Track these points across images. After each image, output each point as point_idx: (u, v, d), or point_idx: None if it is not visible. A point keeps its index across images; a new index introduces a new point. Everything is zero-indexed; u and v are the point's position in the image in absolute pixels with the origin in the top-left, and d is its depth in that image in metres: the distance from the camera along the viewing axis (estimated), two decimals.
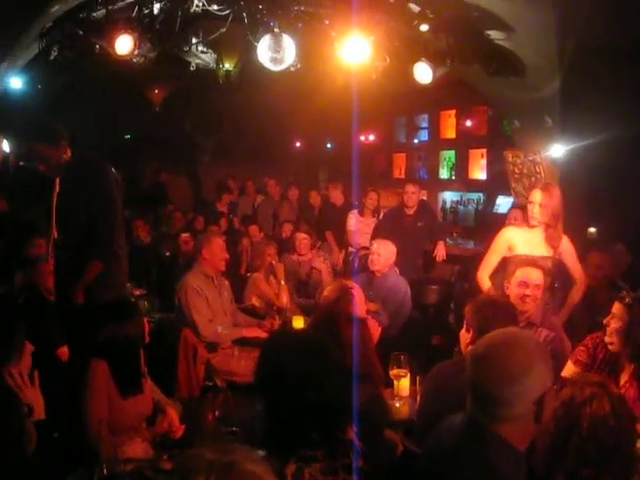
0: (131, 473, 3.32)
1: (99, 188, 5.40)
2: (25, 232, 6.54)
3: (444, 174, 13.57)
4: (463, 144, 12.95)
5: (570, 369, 4.20)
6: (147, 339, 4.30)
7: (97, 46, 6.55)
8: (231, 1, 6.26)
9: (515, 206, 8.71)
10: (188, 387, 5.88)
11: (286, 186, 12.79)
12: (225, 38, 6.85)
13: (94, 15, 6.46)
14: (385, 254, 7.17)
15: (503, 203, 11.21)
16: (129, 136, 16.61)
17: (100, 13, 6.43)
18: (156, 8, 6.40)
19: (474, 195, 12.69)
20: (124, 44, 6.32)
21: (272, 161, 15.10)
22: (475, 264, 6.35)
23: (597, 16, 6.40)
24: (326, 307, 4.58)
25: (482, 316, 3.80)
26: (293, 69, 6.92)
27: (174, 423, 4.18)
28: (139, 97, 13.64)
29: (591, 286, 5.97)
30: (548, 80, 7.38)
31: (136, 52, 6.46)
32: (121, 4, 6.42)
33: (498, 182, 10.66)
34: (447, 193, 13.35)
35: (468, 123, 12.87)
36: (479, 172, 12.63)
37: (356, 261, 9.00)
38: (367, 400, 3.32)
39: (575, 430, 2.60)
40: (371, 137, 15.47)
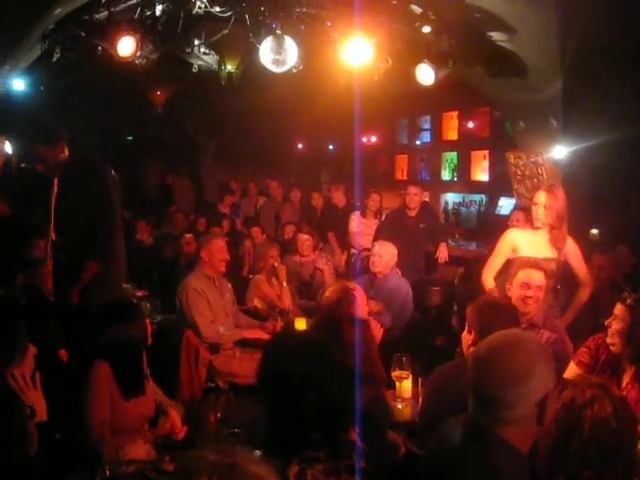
0: (133, 474, 3.33)
1: (97, 188, 5.41)
2: (26, 233, 6.53)
3: (446, 175, 13.57)
4: (465, 145, 12.95)
5: (572, 370, 4.19)
6: (149, 341, 4.30)
7: (99, 48, 6.56)
8: (233, 3, 6.26)
9: (517, 208, 8.70)
10: (190, 389, 5.88)
11: (288, 188, 12.77)
12: (227, 40, 6.86)
13: (96, 17, 6.46)
14: (386, 255, 7.18)
15: (505, 205, 11.20)
16: (131, 138, 16.63)
17: (102, 15, 6.43)
18: (158, 10, 6.41)
19: (476, 196, 12.69)
20: (126, 46, 6.33)
21: (274, 163, 15.10)
22: (478, 266, 6.35)
23: (599, 17, 6.41)
24: (328, 308, 4.58)
25: (484, 318, 3.80)
26: (295, 71, 6.92)
27: (176, 425, 4.17)
28: (141, 99, 13.66)
29: (594, 287, 5.97)
30: (550, 81, 7.37)
31: (138, 54, 6.48)
32: (123, 6, 6.42)
33: (500, 183, 10.66)
34: (449, 194, 13.36)
35: (470, 125, 12.88)
36: (481, 173, 12.63)
37: (358, 262, 8.99)
38: (369, 401, 3.32)
39: (576, 432, 2.59)
40: (373, 138, 15.48)
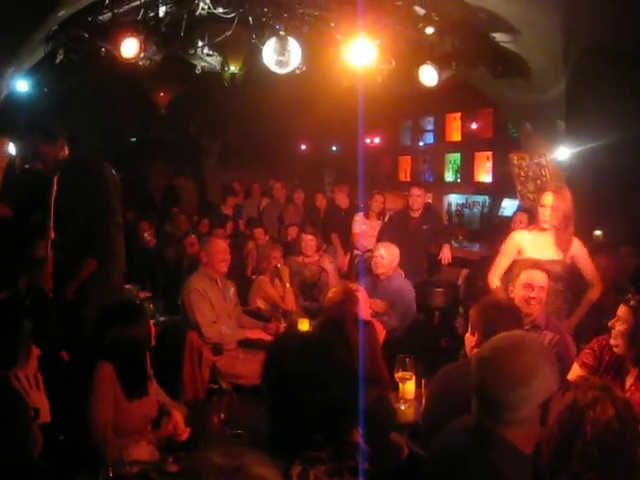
0: (136, 475, 3.33)
1: (96, 187, 5.40)
2: (29, 235, 6.54)
3: (449, 177, 13.57)
4: (468, 147, 12.95)
5: (576, 372, 4.19)
6: (153, 342, 4.30)
7: (103, 49, 6.58)
8: (236, 4, 6.26)
9: (520, 209, 8.71)
10: (193, 390, 5.88)
11: (292, 189, 12.75)
12: (230, 41, 6.86)
13: (100, 18, 6.48)
14: (389, 257, 7.17)
15: (508, 206, 11.20)
16: (134, 139, 16.64)
17: (106, 16, 6.45)
18: (162, 11, 6.42)
19: (479, 198, 12.68)
20: (130, 47, 6.34)
21: (277, 164, 15.10)
22: (483, 268, 6.34)
23: (602, 18, 6.40)
24: (331, 310, 4.59)
25: (487, 319, 3.79)
26: (298, 72, 6.93)
27: (179, 426, 4.17)
28: (144, 100, 13.66)
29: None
30: (554, 83, 7.37)
31: (142, 55, 6.48)
32: (127, 7, 6.42)
33: (503, 185, 10.67)
34: (452, 196, 13.35)
35: (473, 126, 12.88)
36: (484, 175, 12.63)
37: (361, 264, 8.99)
38: (373, 402, 3.31)
39: (579, 434, 2.59)
40: (376, 140, 15.48)
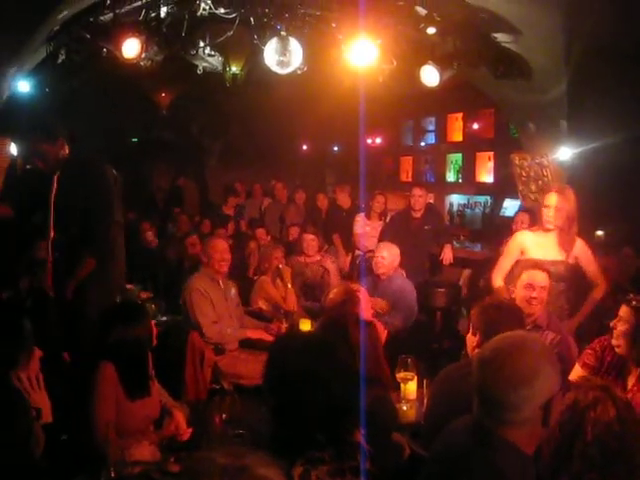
0: (138, 476, 3.32)
1: (95, 186, 5.39)
2: (30, 236, 6.54)
3: (451, 177, 13.58)
4: (470, 147, 12.95)
5: (578, 372, 4.19)
6: (155, 342, 4.30)
7: (104, 49, 6.58)
8: (238, 4, 6.27)
9: (522, 209, 8.70)
10: (195, 390, 5.88)
11: (293, 189, 12.74)
12: (232, 41, 6.86)
13: (101, 19, 6.48)
14: (389, 257, 7.18)
15: (510, 206, 11.20)
16: (136, 139, 16.65)
17: (107, 17, 6.45)
18: (163, 11, 6.42)
19: (481, 198, 12.69)
20: (131, 47, 6.35)
21: (279, 164, 15.10)
22: (486, 268, 6.33)
23: (604, 18, 6.40)
24: (332, 310, 4.59)
25: (489, 319, 3.79)
26: (300, 72, 6.93)
27: (181, 426, 4.17)
28: (146, 100, 13.67)
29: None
30: (555, 83, 7.37)
31: (143, 55, 6.49)
32: (128, 8, 6.43)
33: (505, 185, 10.66)
34: (454, 196, 13.36)
35: (475, 126, 12.88)
36: (486, 175, 12.63)
37: (363, 264, 8.98)
38: (375, 402, 3.31)
39: (579, 435, 2.58)
40: (378, 140, 15.48)
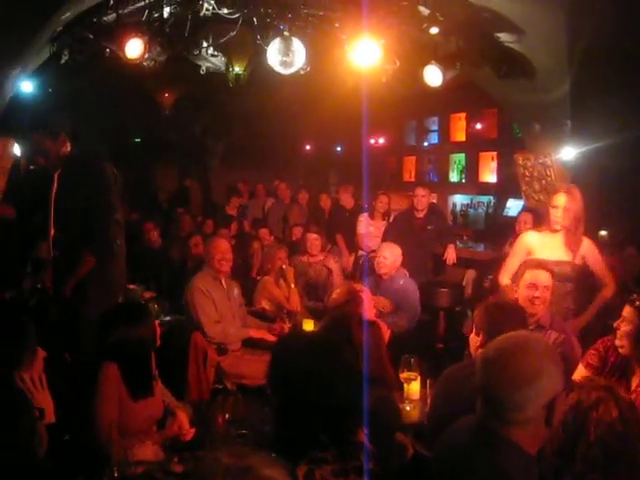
0: (141, 476, 3.32)
1: (97, 185, 5.38)
2: (33, 236, 6.54)
3: (454, 177, 13.57)
4: (473, 147, 12.95)
5: (581, 373, 4.17)
6: (158, 342, 4.30)
7: (107, 50, 6.58)
8: (241, 4, 6.27)
9: (525, 209, 8.69)
10: (198, 390, 5.88)
11: (296, 189, 12.73)
12: (235, 41, 6.86)
13: (104, 19, 6.48)
14: (391, 257, 7.17)
15: (513, 206, 11.19)
16: (139, 140, 16.66)
17: (110, 17, 6.45)
18: (166, 12, 6.42)
19: (484, 198, 12.68)
20: (134, 48, 6.35)
21: (282, 164, 15.10)
22: (491, 269, 6.32)
23: (607, 18, 6.39)
24: (336, 310, 4.59)
25: (492, 319, 3.78)
26: (303, 72, 6.92)
27: (184, 426, 4.18)
28: (149, 101, 13.67)
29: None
30: (558, 82, 7.35)
31: (146, 56, 6.48)
32: (131, 8, 6.43)
33: (508, 185, 10.65)
34: (457, 196, 13.35)
35: (478, 126, 12.88)
36: (489, 175, 12.62)
37: (366, 264, 8.98)
38: (379, 402, 3.31)
39: (582, 435, 2.57)
40: (381, 140, 15.48)
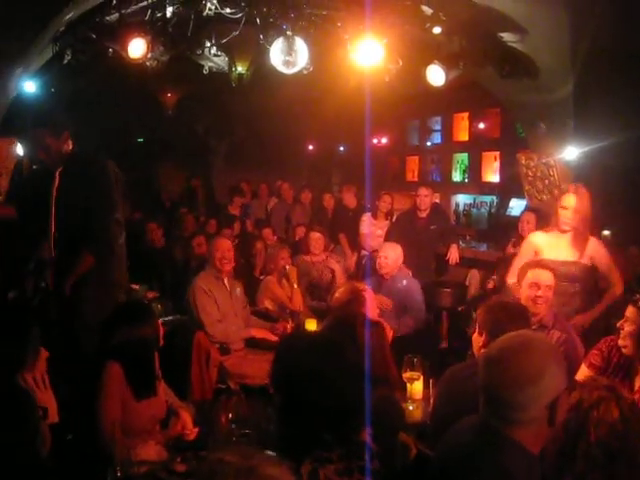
0: (145, 475, 3.33)
1: (97, 184, 5.35)
2: (35, 236, 6.52)
3: (457, 177, 13.55)
4: (476, 147, 12.92)
5: (584, 373, 4.17)
6: (162, 342, 4.31)
7: (110, 50, 6.58)
8: (244, 4, 6.27)
9: (528, 209, 8.68)
10: (201, 390, 5.88)
11: (299, 189, 12.72)
12: (238, 41, 6.86)
13: (107, 19, 6.48)
14: (392, 256, 7.16)
15: (516, 206, 11.17)
16: (142, 139, 16.65)
17: (113, 17, 6.45)
18: (169, 11, 6.42)
19: (487, 198, 12.66)
20: (137, 47, 6.35)
21: (285, 164, 15.08)
22: (499, 269, 6.31)
23: (609, 18, 6.38)
24: (339, 310, 4.58)
25: (495, 319, 3.78)
26: (306, 72, 6.93)
27: (187, 426, 4.18)
28: (152, 100, 13.67)
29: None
30: (561, 82, 7.35)
31: (149, 55, 6.49)
32: (134, 8, 6.43)
33: (511, 185, 10.64)
34: (460, 196, 13.33)
35: (481, 126, 12.85)
36: (492, 175, 12.60)
37: (368, 264, 8.98)
38: (382, 402, 3.31)
39: (583, 434, 2.57)
40: (384, 140, 15.45)
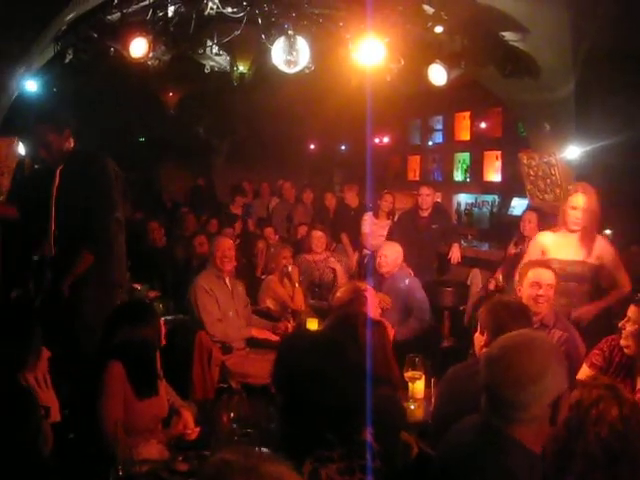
0: (147, 474, 3.33)
1: (97, 183, 5.32)
2: (37, 236, 6.52)
3: (459, 176, 13.55)
4: (478, 146, 12.93)
5: (585, 372, 4.17)
6: (164, 342, 4.31)
7: (112, 49, 6.58)
8: (245, 3, 6.26)
9: (530, 208, 8.67)
10: (203, 389, 5.89)
11: (301, 188, 12.73)
12: (239, 40, 6.86)
13: (109, 18, 6.48)
14: (391, 255, 7.15)
15: (518, 205, 11.17)
16: (143, 139, 16.66)
17: (115, 16, 6.45)
18: (170, 11, 6.42)
19: (489, 197, 12.66)
20: (138, 47, 6.35)
21: (286, 163, 15.09)
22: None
23: (611, 18, 6.38)
24: (340, 309, 4.58)
25: (497, 318, 3.77)
26: (307, 71, 6.93)
27: (189, 425, 4.18)
28: (153, 100, 13.68)
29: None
30: (563, 81, 7.34)
31: (150, 55, 6.49)
32: (135, 7, 6.43)
33: (513, 184, 10.63)
34: (462, 195, 13.34)
35: (483, 125, 12.85)
36: (494, 174, 12.60)
37: (370, 263, 8.97)
38: (383, 401, 3.31)
39: (582, 433, 2.57)
40: (385, 139, 15.47)
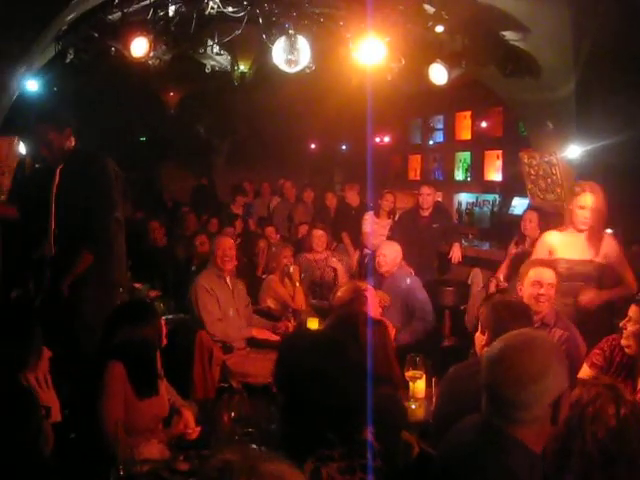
0: (147, 474, 3.33)
1: (97, 183, 5.32)
2: (37, 236, 6.52)
3: (459, 175, 13.56)
4: (478, 145, 12.93)
5: (586, 372, 4.17)
6: (164, 341, 4.31)
7: (113, 48, 6.58)
8: (246, 3, 6.27)
9: (531, 207, 8.67)
10: (204, 388, 5.89)
11: (302, 188, 12.73)
12: (240, 40, 6.87)
13: (109, 18, 6.48)
14: (390, 254, 7.14)
15: (519, 204, 11.16)
16: (144, 138, 16.66)
17: (115, 16, 6.45)
18: (171, 10, 6.42)
19: (489, 196, 12.66)
20: (139, 46, 6.35)
21: (287, 163, 15.10)
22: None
23: (612, 18, 6.37)
24: (341, 308, 4.58)
25: (498, 317, 3.77)
26: (308, 71, 6.93)
27: (190, 424, 4.18)
28: (154, 99, 13.68)
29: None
30: (564, 81, 7.33)
31: (151, 54, 6.49)
32: (136, 7, 6.43)
33: (514, 183, 10.62)
34: (462, 194, 13.33)
35: (483, 124, 12.86)
36: (494, 173, 12.60)
37: (371, 263, 8.97)
38: (384, 401, 3.31)
39: (580, 432, 2.56)
40: (386, 138, 15.47)
